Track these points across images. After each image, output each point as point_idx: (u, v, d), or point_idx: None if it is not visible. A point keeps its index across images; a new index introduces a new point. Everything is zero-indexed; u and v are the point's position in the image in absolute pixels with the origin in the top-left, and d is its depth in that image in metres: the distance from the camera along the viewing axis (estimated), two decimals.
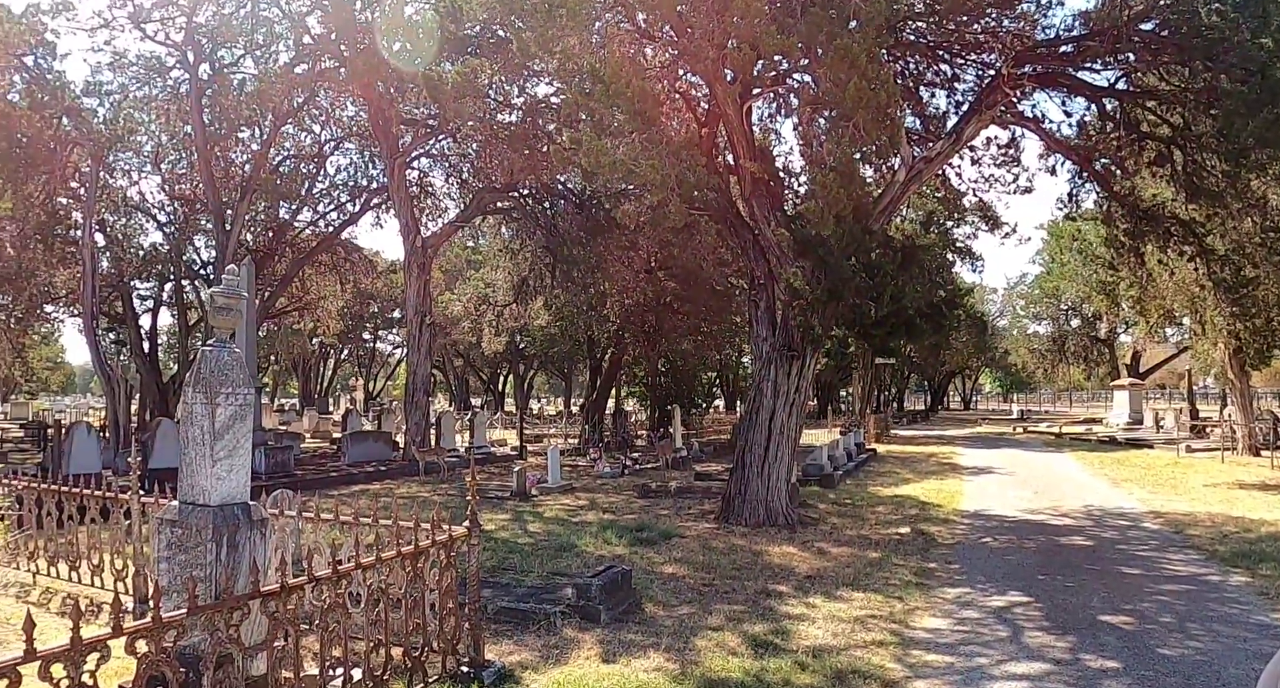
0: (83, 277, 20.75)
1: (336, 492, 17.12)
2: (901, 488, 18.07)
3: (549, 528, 12.87)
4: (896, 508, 15.10)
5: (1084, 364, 52.66)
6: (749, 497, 13.17)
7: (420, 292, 20.59)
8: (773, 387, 13.17)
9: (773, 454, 13.16)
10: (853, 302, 11.82)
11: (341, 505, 13.98)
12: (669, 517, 13.89)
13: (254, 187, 21.95)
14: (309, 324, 31.49)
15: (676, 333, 28.60)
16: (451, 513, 14.45)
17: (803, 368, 13.10)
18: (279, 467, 17.54)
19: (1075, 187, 15.44)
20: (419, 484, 18.30)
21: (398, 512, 6.81)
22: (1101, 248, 22.24)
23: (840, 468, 20.21)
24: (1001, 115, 12.80)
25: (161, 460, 15.69)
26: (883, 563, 10.45)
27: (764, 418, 13.22)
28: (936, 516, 14.30)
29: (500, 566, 10.22)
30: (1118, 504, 15.66)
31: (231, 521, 5.37)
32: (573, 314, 26.80)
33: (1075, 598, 8.72)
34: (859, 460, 23.05)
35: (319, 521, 7.61)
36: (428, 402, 20.79)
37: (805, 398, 13.45)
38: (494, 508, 14.93)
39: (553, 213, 22.64)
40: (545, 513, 14.39)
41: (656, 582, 9.52)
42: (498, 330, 29.96)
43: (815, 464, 18.68)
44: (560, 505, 15.33)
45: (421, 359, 20.69)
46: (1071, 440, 32.73)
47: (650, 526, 12.70)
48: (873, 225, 12.10)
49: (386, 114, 20.02)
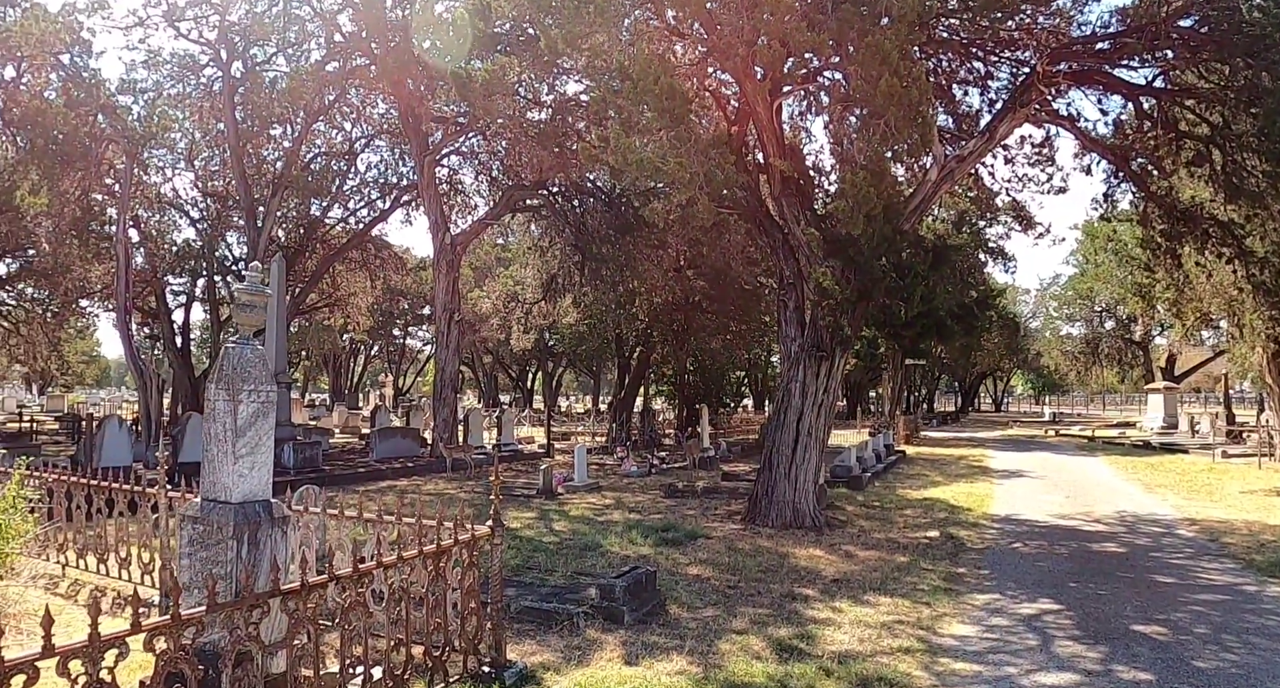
0: (116, 272, 20.98)
1: (363, 488, 17.21)
2: (931, 491, 17.85)
3: (574, 527, 12.83)
4: (925, 511, 14.91)
5: (1117, 367, 51.89)
6: (776, 498, 13.04)
7: (449, 289, 20.63)
8: (801, 387, 13.04)
9: (800, 456, 13.02)
10: (883, 302, 11.66)
11: (367, 502, 14.06)
12: (695, 517, 13.80)
13: (285, 183, 22.11)
14: (339, 320, 31.70)
15: (705, 332, 28.49)
16: (476, 510, 14.51)
17: (832, 369, 12.95)
18: (307, 462, 17.64)
19: (1111, 186, 15.17)
20: (445, 481, 18.34)
21: (422, 510, 6.78)
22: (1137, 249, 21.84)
23: (869, 470, 20.01)
24: (1036, 114, 12.58)
25: (191, 454, 15.83)
26: (911, 567, 10.29)
27: (791, 419, 13.09)
28: (966, 520, 14.10)
29: (525, 564, 10.17)
30: (1151, 510, 15.36)
31: (253, 518, 5.35)
32: (601, 312, 26.74)
33: (1107, 607, 8.52)
34: (888, 462, 22.82)
35: (343, 517, 7.58)
36: (455, 399, 20.82)
37: (834, 399, 13.30)
38: (520, 506, 14.92)
39: (581, 211, 22.60)
40: (571, 512, 14.34)
41: (681, 583, 9.44)
42: (526, 328, 29.97)
43: (843, 466, 18.50)
44: (586, 504, 15.28)
45: (450, 356, 20.73)
46: (1105, 444, 32.24)
47: (676, 526, 12.61)
48: (904, 225, 11.93)
49: (417, 111, 20.08)
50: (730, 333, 28.69)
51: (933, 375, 58.90)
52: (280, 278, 20.52)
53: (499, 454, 22.39)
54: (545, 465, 16.43)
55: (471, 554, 6.52)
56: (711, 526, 13.01)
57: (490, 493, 15.68)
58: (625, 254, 21.99)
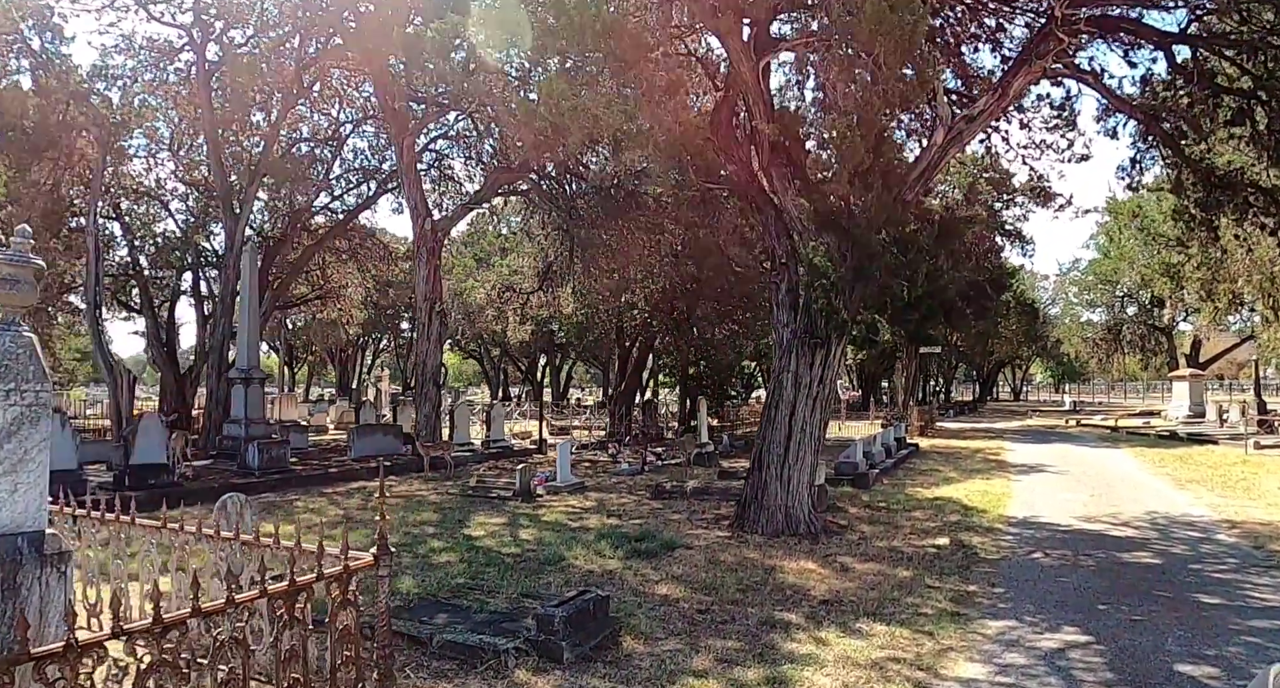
0: (86, 265, 19.81)
1: (331, 489, 15.94)
2: (943, 489, 16.32)
3: (542, 535, 11.45)
4: (935, 513, 13.41)
5: (1140, 354, 50.00)
6: (766, 502, 11.60)
7: (430, 277, 19.30)
8: (793, 378, 11.58)
9: (793, 454, 11.57)
10: (883, 282, 10.19)
11: (329, 506, 12.33)
12: (679, 523, 12.39)
13: (264, 170, 20.83)
14: (331, 313, 30.50)
15: (707, 321, 27.05)
16: (442, 516, 13.15)
17: (827, 357, 11.48)
18: (273, 462, 16.38)
19: (1139, 152, 13.54)
20: (422, 481, 17.02)
21: (300, 534, 5.41)
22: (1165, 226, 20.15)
23: (877, 466, 18.50)
24: (1054, 68, 11.01)
25: (144, 457, 14.58)
26: (914, 584, 8.83)
27: (783, 413, 11.64)
28: (980, 523, 12.59)
29: (470, 583, 8.81)
30: (1185, 511, 13.78)
31: (10, 556, 3.98)
32: (596, 301, 25.36)
33: (1144, 638, 7.04)
34: (899, 457, 21.28)
35: (218, 539, 6.23)
36: (438, 394, 19.52)
37: (830, 391, 11.82)
38: (491, 510, 13.57)
39: (571, 194, 21.20)
40: (545, 516, 12.97)
41: (645, 606, 8.04)
42: (523, 318, 28.61)
43: (849, 462, 17.00)
44: (565, 507, 13.91)
45: (432, 349, 19.40)
46: (1128, 435, 30.44)
47: (654, 534, 11.21)
48: (906, 195, 10.44)
49: (393, 90, 18.71)
50: (735, 321, 27.21)
51: (949, 364, 57.01)
52: (252, 268, 19.30)
53: (487, 452, 21.09)
54: (523, 465, 15.07)
55: (345, 590, 5.12)
56: (695, 533, 11.59)
57: (467, 493, 13.93)
58: (618, 239, 20.57)
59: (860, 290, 10.37)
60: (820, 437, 11.83)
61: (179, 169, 23.66)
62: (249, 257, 18.95)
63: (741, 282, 23.48)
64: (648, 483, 16.35)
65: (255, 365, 18.88)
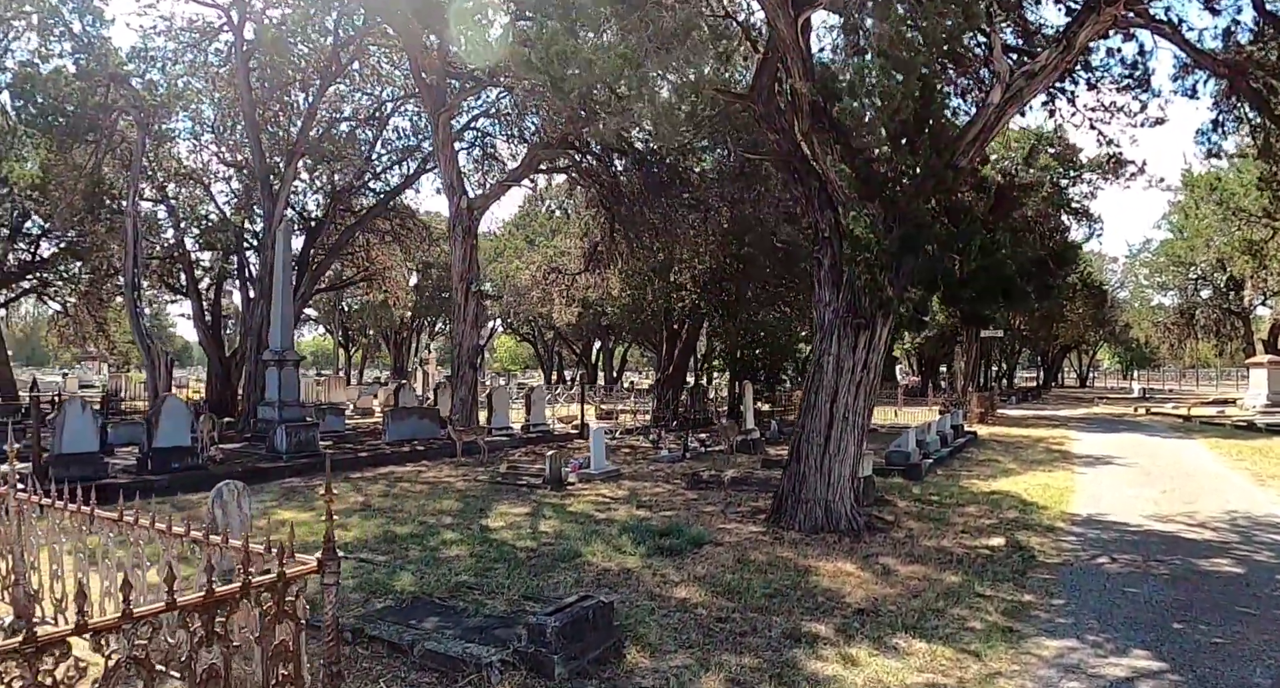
0: (124, 246, 19.62)
1: (359, 474, 15.43)
2: (1000, 482, 15.18)
3: (563, 528, 10.71)
4: (991, 509, 12.34)
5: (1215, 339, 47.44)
6: (804, 496, 10.69)
7: (466, 257, 18.67)
8: (835, 362, 10.62)
9: (834, 444, 10.63)
10: (932, 255, 9.16)
11: (351, 492, 11.69)
12: (711, 516, 11.54)
13: (302, 151, 20.40)
14: (378, 295, 30.19)
15: (757, 302, 26.03)
16: (464, 505, 12.50)
17: (872, 339, 10.49)
18: (302, 446, 15.94)
19: (1221, 113, 12.18)
20: (453, 467, 16.44)
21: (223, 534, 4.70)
22: (1248, 199, 18.55)
23: (931, 455, 17.41)
24: (1126, 18, 9.81)
25: (167, 439, 14.20)
26: (962, 592, 7.87)
27: (824, 400, 10.69)
28: (1040, 521, 11.50)
29: (472, 582, 8.09)
30: (1269, 511, 12.48)
31: None
32: (641, 282, 24.53)
33: (1229, 666, 6.01)
34: (955, 446, 20.10)
35: (170, 535, 5.57)
36: (475, 376, 18.93)
37: (876, 376, 10.83)
38: (517, 498, 12.88)
39: (613, 171, 20.37)
40: (571, 506, 12.23)
41: (659, 612, 7.24)
42: (569, 300, 27.90)
43: (900, 451, 15.96)
44: (595, 497, 13.16)
45: (468, 330, 18.79)
46: (1202, 424, 28.62)
47: (683, 528, 10.37)
48: (958, 160, 9.37)
49: (427, 64, 18.04)
50: (786, 303, 26.15)
51: (1012, 349, 54.92)
52: (285, 248, 18.86)
53: (525, 436, 20.46)
54: (553, 452, 14.35)
55: (281, 601, 4.40)
56: (727, 528, 10.74)
57: (496, 480, 12.98)
58: (662, 217, 19.69)
59: (907, 265, 9.36)
60: (865, 425, 10.86)
61: (221, 151, 23.42)
62: (282, 237, 18.51)
63: (790, 261, 22.45)
64: (686, 471, 15.53)
65: (290, 347, 18.47)
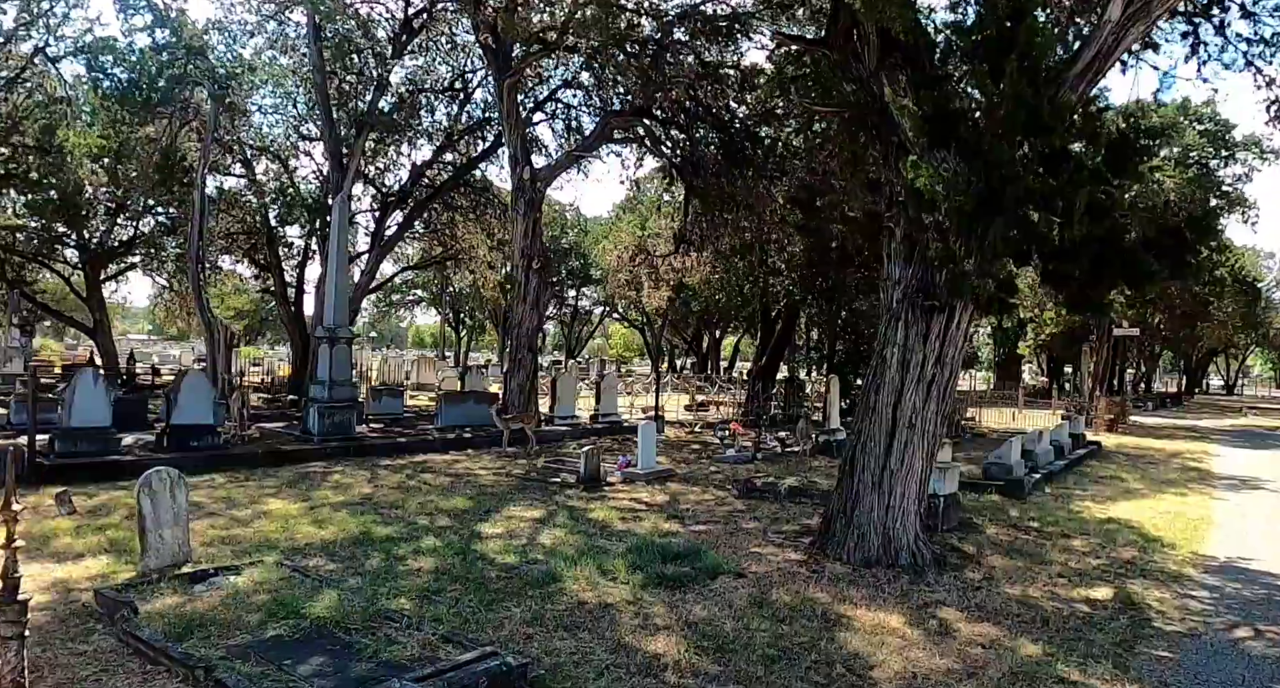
0: (190, 221, 18.93)
1: (390, 461, 14.02)
2: (1120, 506, 12.42)
3: (568, 540, 8.89)
4: (1103, 544, 9.76)
5: None
6: (857, 519, 8.48)
7: (529, 232, 17.02)
8: (899, 355, 8.36)
9: (896, 457, 8.38)
10: (1021, 215, 6.81)
11: (363, 483, 10.01)
12: (750, 535, 9.48)
13: (371, 122, 19.22)
14: (466, 275, 29.03)
15: (856, 289, 23.48)
16: (477, 502, 10.80)
17: (948, 327, 8.18)
18: (335, 429, 14.66)
19: None
20: (495, 457, 14.83)
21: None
22: None
23: (1040, 469, 14.70)
24: None
25: (187, 416, 13.11)
26: (1039, 673, 5.59)
27: (884, 401, 8.44)
28: (1163, 565, 8.90)
29: (404, 610, 6.32)
30: None
31: None
32: (733, 266, 22.38)
33: None
34: (1072, 458, 17.15)
35: None
36: (534, 361, 17.28)
37: (952, 374, 8.49)
38: (539, 500, 11.12)
39: (689, 140, 18.29)
40: (592, 513, 10.36)
41: (608, 676, 5.31)
42: (656, 283, 25.92)
43: (1000, 463, 13.38)
44: (627, 501, 11.26)
45: (527, 311, 17.17)
46: None
47: (704, 551, 8.35)
48: (1062, 94, 6.95)
49: (494, 25, 16.42)
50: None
51: (1152, 351, 49.56)
52: (341, 221, 17.68)
53: (593, 426, 18.73)
54: (588, 448, 12.50)
55: None
56: (760, 552, 8.66)
57: (532, 476, 11.42)
58: (743, 190, 17.52)
59: (990, 228, 7.00)
60: (937, 434, 8.53)
61: (298, 124, 22.62)
62: (338, 209, 17.34)
63: (875, 240, 19.86)
64: (748, 475, 13.41)
65: (342, 324, 17.29)
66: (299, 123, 22.61)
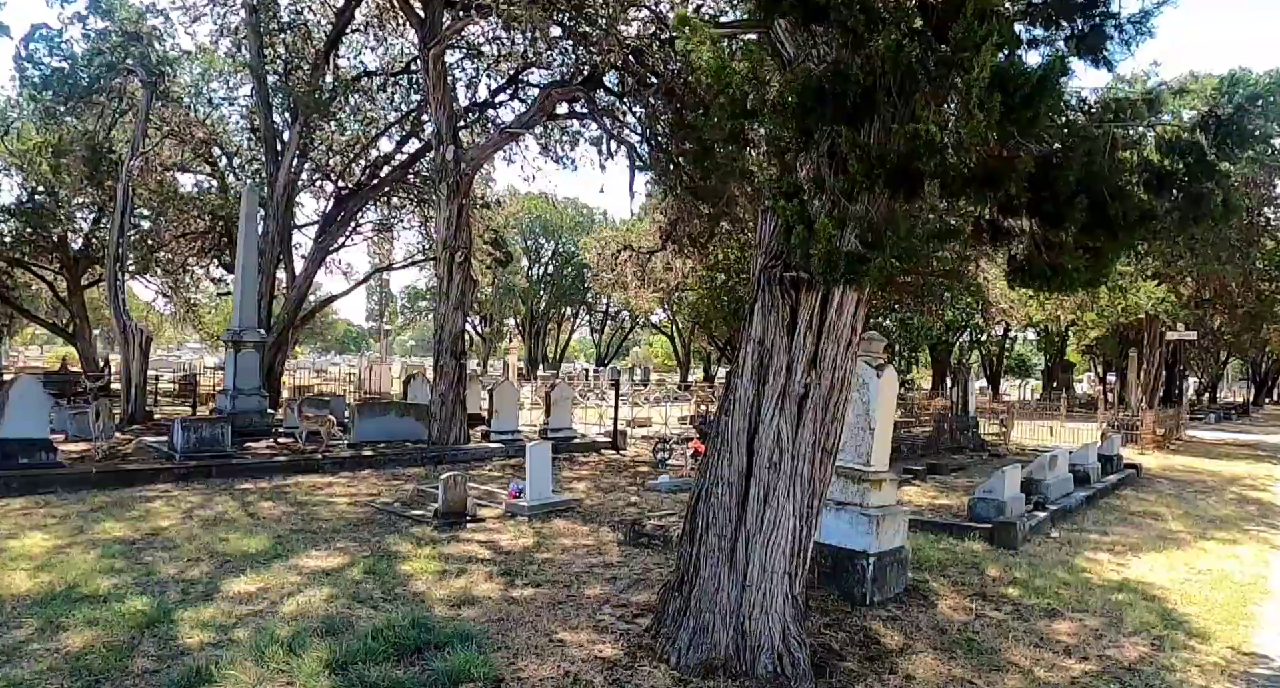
0: (111, 216, 16.79)
1: (245, 485, 11.35)
2: (1144, 560, 9.02)
3: (318, 609, 6.14)
4: (1103, 630, 6.52)
5: None
6: (696, 601, 5.49)
7: (452, 220, 14.29)
8: (756, 356, 5.33)
9: (755, 511, 5.34)
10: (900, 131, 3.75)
11: (174, 510, 6.94)
12: (582, 608, 6.55)
13: (303, 106, 16.76)
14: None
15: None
16: (275, 544, 8.08)
17: (823, 312, 5.14)
18: (203, 444, 12.06)
19: None
20: (379, 479, 12.02)
21: None
22: None
23: (1054, 502, 11.36)
24: None
25: (15, 429, 10.69)
26: None
27: (735, 426, 5.43)
28: (1184, 674, 5.63)
29: None
30: None
31: None
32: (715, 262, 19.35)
33: None
34: (1101, 486, 13.57)
35: None
36: (459, 367, 14.52)
37: (842, 384, 5.38)
38: (365, 541, 8.39)
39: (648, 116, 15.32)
40: (407, 564, 7.56)
41: None
42: (644, 282, 22.90)
43: (989, 500, 10.09)
44: (476, 546, 8.41)
45: (451, 311, 14.43)
46: None
47: (476, 637, 5.48)
48: None
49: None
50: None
51: (1215, 358, 44.29)
52: (252, 211, 15.23)
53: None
54: (451, 474, 9.62)
55: None
56: (569, 639, 5.73)
57: (392, 507, 8.56)
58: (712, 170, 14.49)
59: (857, 161, 3.95)
60: (820, 475, 5.42)
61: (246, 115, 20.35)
62: (246, 202, 14.96)
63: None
64: (639, 514, 10.38)
65: (250, 327, 14.81)
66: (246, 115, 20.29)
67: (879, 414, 7.41)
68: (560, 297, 44.54)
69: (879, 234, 4.08)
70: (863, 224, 4.13)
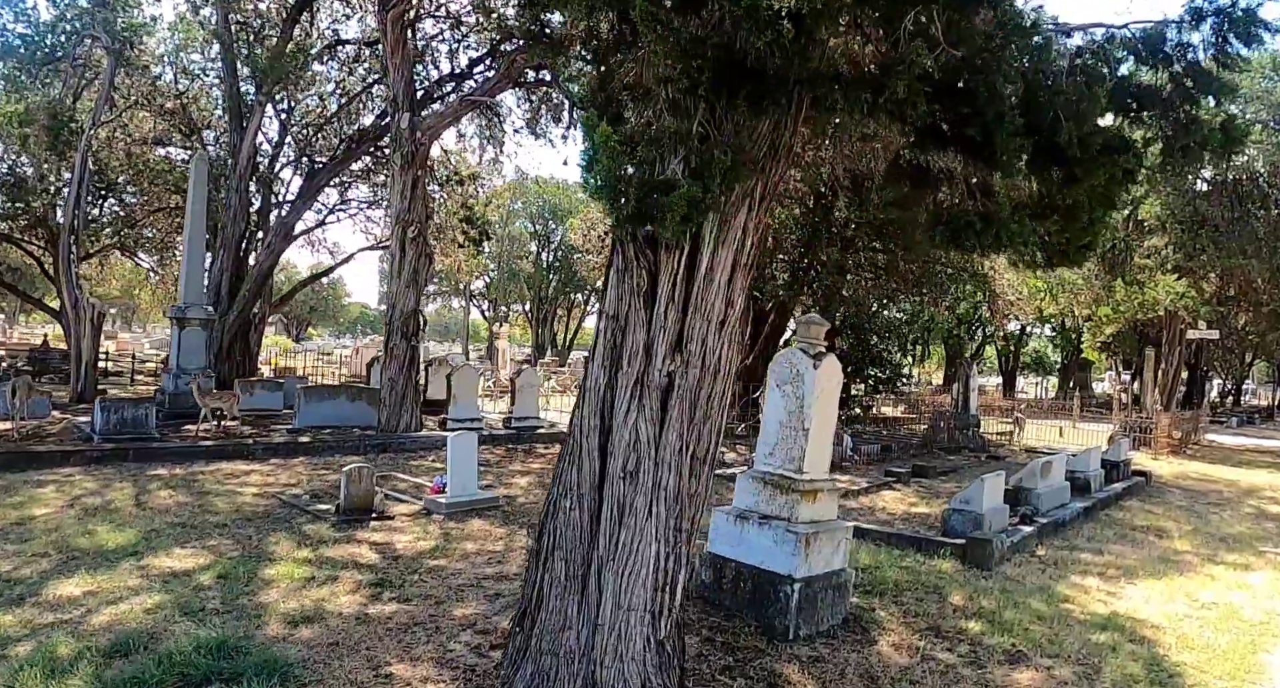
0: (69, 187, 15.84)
1: (164, 470, 10.28)
2: (1139, 589, 7.66)
3: (125, 621, 4.98)
4: (1077, 678, 5.29)
5: None
6: (538, 641, 4.24)
7: (407, 192, 13.14)
8: (611, 330, 4.07)
9: (609, 532, 4.10)
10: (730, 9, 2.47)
11: (57, 497, 4.74)
12: (440, 632, 5.40)
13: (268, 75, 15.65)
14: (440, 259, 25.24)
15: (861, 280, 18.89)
16: (144, 540, 6.89)
17: (689, 276, 3.86)
18: (124, 425, 11.04)
19: None
20: (316, 466, 10.92)
21: None
22: None
23: (1046, 515, 10.00)
24: None
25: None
26: None
27: (588, 425, 4.18)
28: None
29: None
30: None
31: None
32: None
33: None
34: (1103, 496, 12.15)
35: None
36: (410, 350, 13.37)
37: (717, 369, 4.11)
38: (245, 538, 7.28)
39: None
40: (272, 568, 6.46)
41: None
42: None
43: (964, 512, 8.79)
44: (366, 548, 7.26)
45: (403, 290, 13.29)
46: None
47: (309, 668, 4.32)
48: None
49: None
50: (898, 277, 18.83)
51: (1240, 359, 42.07)
52: (200, 182, 14.19)
53: (503, 431, 14.72)
54: (355, 466, 8.48)
55: None
56: (402, 675, 4.51)
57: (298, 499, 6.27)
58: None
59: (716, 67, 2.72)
60: (686, 490, 4.16)
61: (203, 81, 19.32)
62: (195, 171, 13.91)
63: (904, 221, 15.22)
64: None
65: (196, 303, 13.78)
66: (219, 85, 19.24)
67: (814, 411, 6.13)
68: (570, 282, 43.23)
69: (711, 161, 2.84)
70: (690, 146, 2.88)
